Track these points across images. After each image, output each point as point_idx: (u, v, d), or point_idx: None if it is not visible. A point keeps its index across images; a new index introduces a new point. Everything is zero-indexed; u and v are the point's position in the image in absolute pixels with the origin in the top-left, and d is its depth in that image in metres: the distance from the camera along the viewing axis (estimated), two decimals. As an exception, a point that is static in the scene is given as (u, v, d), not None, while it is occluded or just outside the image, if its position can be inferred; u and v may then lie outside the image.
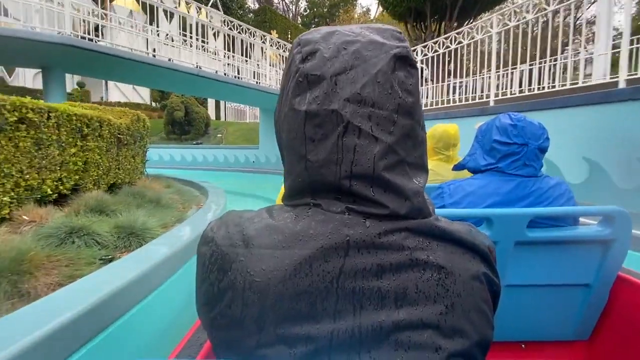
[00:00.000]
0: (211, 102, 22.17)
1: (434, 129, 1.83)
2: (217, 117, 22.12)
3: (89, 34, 6.13)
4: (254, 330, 0.34)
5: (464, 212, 0.92)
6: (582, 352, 1.06)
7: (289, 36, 20.85)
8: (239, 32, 8.79)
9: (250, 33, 9.13)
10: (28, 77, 22.79)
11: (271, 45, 9.75)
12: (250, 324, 0.34)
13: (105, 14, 6.77)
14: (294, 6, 32.93)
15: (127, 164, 4.19)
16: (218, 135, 17.16)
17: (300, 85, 0.38)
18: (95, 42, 5.99)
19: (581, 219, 1.07)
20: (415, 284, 0.34)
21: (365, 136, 0.36)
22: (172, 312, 1.83)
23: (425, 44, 7.09)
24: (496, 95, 5.73)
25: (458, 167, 1.20)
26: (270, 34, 10.63)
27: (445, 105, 6.82)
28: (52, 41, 5.03)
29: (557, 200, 1.00)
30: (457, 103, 6.59)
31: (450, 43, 6.63)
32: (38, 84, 21.99)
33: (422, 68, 7.40)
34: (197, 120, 16.64)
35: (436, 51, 6.95)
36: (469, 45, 6.38)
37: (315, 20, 31.70)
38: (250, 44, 9.20)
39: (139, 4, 7.81)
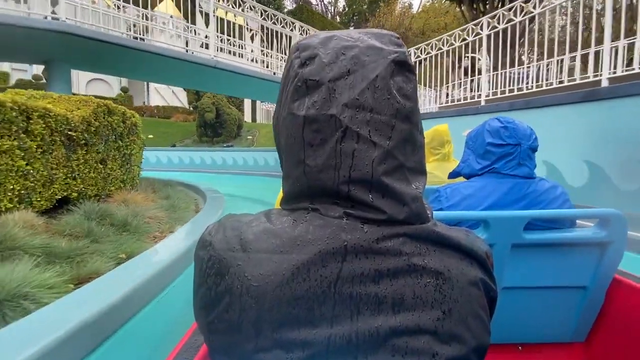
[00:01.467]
0: (247, 104, 21.95)
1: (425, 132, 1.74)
2: (254, 119, 21.82)
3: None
4: (251, 335, 0.34)
5: (461, 215, 0.92)
6: (578, 353, 1.06)
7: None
8: (282, 27, 8.32)
9: (291, 26, 8.55)
10: (82, 83, 24.22)
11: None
12: (247, 329, 0.34)
13: (148, 17, 6.65)
14: (332, 7, 32.13)
15: (91, 172, 3.21)
16: (248, 137, 16.68)
17: (299, 90, 0.38)
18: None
19: (577, 222, 1.06)
20: (413, 290, 0.35)
21: (363, 141, 0.36)
22: (169, 316, 1.82)
23: (495, 13, 5.70)
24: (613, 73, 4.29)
25: (453, 175, 1.21)
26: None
27: (524, 92, 5.39)
28: (46, 28, 4.47)
29: (552, 202, 1.01)
30: (549, 86, 5.01)
31: (515, 15, 5.20)
32: (91, 90, 23.37)
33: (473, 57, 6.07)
34: (228, 122, 16.27)
35: (494, 28, 5.53)
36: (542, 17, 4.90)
37: (354, 17, 30.58)
38: (288, 36, 8.58)
39: (180, 11, 7.71)
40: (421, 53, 7.11)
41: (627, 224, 0.91)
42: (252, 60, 8.91)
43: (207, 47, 7.17)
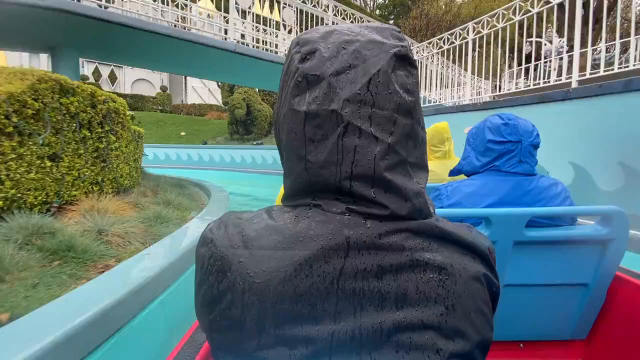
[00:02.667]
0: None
1: None
2: None
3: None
4: (254, 332, 0.34)
5: (463, 212, 0.92)
6: (580, 351, 1.06)
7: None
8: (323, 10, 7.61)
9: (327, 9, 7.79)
10: (127, 84, 25.27)
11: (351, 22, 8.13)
12: (250, 326, 0.34)
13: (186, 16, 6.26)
14: (371, 1, 30.79)
15: (32, 172, 2.32)
16: (279, 134, 16.08)
17: (299, 85, 0.37)
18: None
19: (579, 219, 1.07)
20: (416, 285, 0.34)
21: (365, 136, 0.35)
22: (171, 313, 1.80)
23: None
24: None
25: (454, 173, 1.20)
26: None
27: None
28: (42, 5, 3.92)
29: (553, 199, 1.01)
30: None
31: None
32: (136, 89, 24.37)
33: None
34: (259, 118, 15.83)
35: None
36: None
37: (396, 10, 29.00)
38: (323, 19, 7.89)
39: (219, 10, 7.24)
40: (468, 34, 5.92)
41: (628, 221, 0.91)
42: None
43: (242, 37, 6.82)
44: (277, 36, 7.78)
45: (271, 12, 7.61)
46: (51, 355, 1.08)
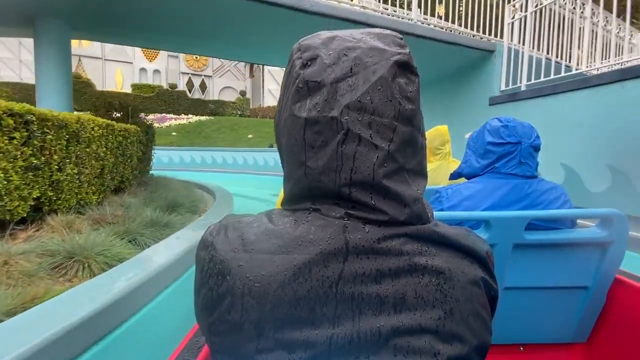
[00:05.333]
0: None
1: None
2: None
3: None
4: (253, 336, 0.34)
5: (462, 215, 0.92)
6: (580, 354, 1.06)
7: None
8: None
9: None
10: (215, 91, 26.76)
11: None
12: (249, 329, 0.34)
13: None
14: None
15: None
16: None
17: (300, 91, 0.37)
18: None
19: (578, 222, 1.06)
20: (414, 289, 0.35)
21: (365, 143, 0.35)
22: (170, 317, 1.79)
23: None
24: None
25: (454, 176, 1.21)
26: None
27: None
28: None
29: (553, 203, 1.00)
30: None
31: None
32: (222, 96, 25.69)
33: None
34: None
35: None
36: None
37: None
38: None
39: None
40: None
41: (628, 224, 0.90)
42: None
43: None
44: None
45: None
46: (43, 354, 1.05)
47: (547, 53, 4.23)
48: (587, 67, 4.12)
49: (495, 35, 5.23)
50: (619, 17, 4.81)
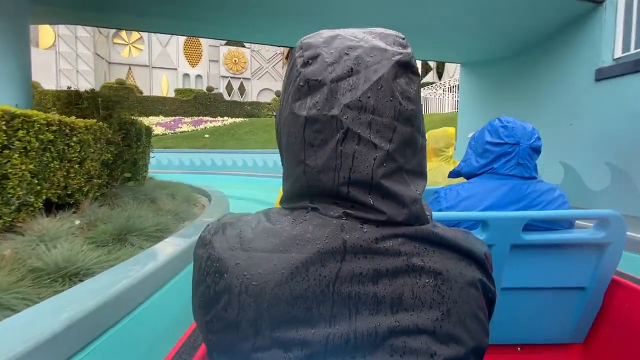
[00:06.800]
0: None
1: (432, 132, 1.90)
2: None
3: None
4: (249, 334, 0.34)
5: (460, 215, 0.92)
6: (577, 354, 1.06)
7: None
8: None
9: None
10: (254, 93, 26.69)
11: None
12: (246, 328, 0.34)
13: None
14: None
15: None
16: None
17: (300, 90, 0.37)
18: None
19: (576, 223, 1.05)
20: (411, 290, 0.34)
21: (364, 143, 0.35)
22: (168, 314, 1.79)
23: None
24: None
25: (454, 174, 1.20)
26: None
27: None
28: None
29: (551, 204, 1.00)
30: None
31: None
32: (262, 98, 25.45)
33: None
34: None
35: None
36: None
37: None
38: None
39: None
40: None
41: (625, 225, 0.90)
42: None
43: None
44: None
45: None
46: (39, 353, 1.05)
47: None
48: None
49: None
50: None
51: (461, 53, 5.34)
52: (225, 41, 26.60)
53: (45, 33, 22.71)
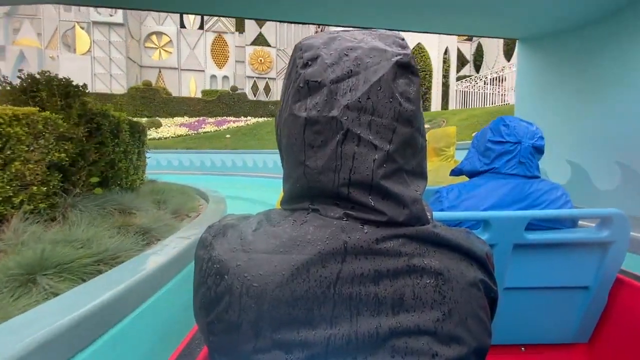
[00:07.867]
0: (436, 91, 16.93)
1: (433, 132, 1.92)
2: (445, 107, 16.58)
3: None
4: (250, 336, 0.34)
5: (462, 215, 0.91)
6: (582, 354, 1.05)
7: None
8: None
9: None
10: (280, 92, 26.65)
11: None
12: (246, 329, 0.34)
13: None
14: None
15: None
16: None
17: (300, 91, 0.37)
18: None
19: (579, 222, 1.04)
20: (412, 290, 0.34)
21: (364, 144, 0.35)
22: (171, 316, 1.77)
23: None
24: None
25: (455, 172, 1.20)
26: None
27: None
28: None
29: (553, 203, 1.00)
30: None
31: None
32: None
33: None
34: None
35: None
36: None
37: None
38: None
39: None
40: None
41: (629, 223, 0.89)
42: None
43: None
44: None
45: None
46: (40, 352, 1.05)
47: None
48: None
49: None
50: None
51: (518, 27, 4.19)
52: (251, 41, 26.23)
53: (81, 39, 23.49)
